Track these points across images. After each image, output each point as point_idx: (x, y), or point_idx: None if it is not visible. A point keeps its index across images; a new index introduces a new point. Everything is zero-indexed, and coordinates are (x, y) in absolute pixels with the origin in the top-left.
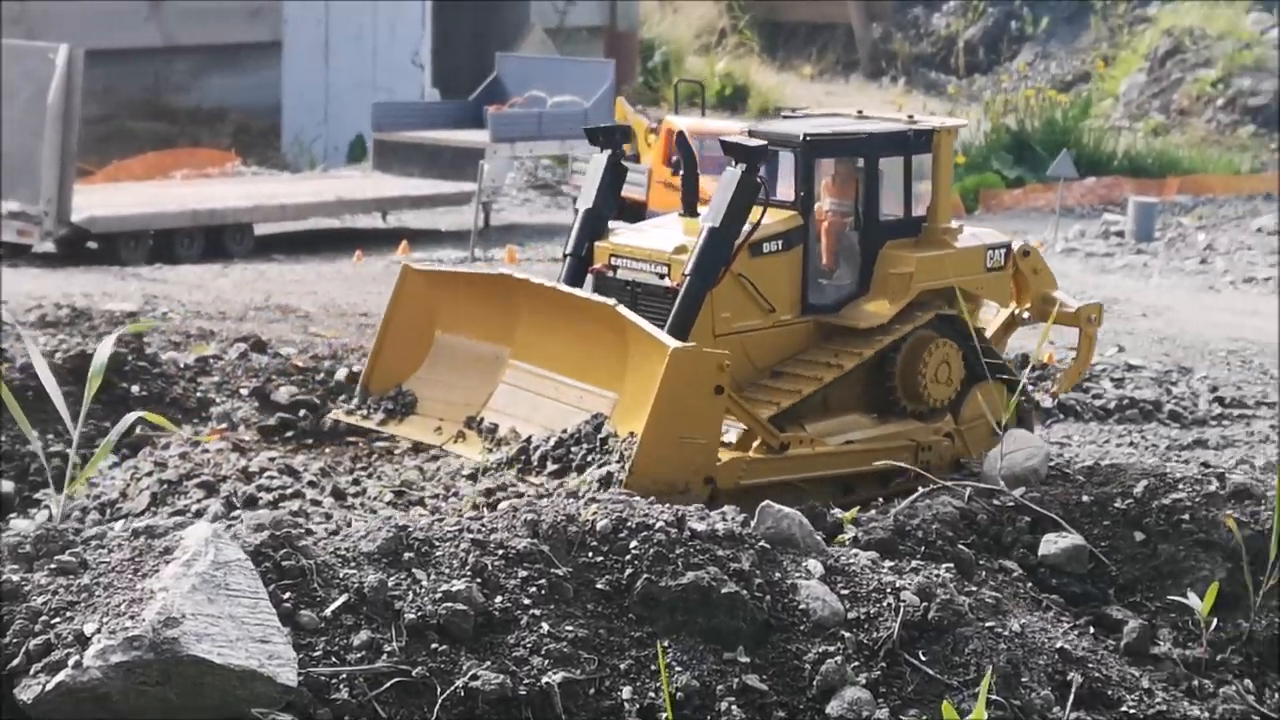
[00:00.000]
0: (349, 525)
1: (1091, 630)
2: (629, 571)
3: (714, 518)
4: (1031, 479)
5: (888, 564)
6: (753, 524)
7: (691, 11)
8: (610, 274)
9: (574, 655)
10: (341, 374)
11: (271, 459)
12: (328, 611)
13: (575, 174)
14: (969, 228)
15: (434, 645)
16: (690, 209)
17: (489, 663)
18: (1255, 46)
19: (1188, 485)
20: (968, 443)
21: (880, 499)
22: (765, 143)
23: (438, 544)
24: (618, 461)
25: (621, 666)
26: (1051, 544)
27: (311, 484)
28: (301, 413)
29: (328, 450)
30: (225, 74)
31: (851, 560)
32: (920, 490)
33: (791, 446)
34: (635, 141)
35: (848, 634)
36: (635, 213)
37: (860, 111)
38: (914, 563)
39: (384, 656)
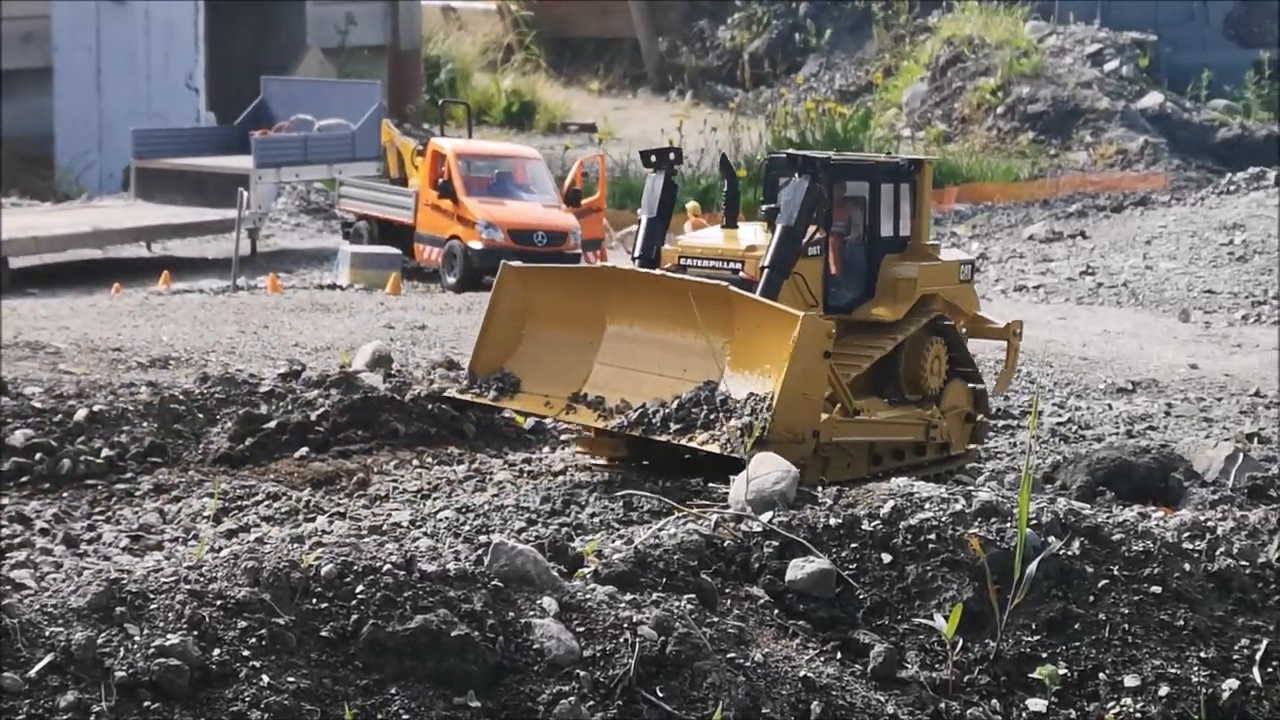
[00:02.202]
0: (79, 575)
1: (839, 656)
2: (355, 617)
3: (446, 557)
4: (780, 502)
5: (627, 597)
6: (486, 562)
7: (477, 28)
8: (681, 272)
9: (295, 708)
10: (81, 415)
11: (1, 506)
12: (32, 673)
13: (344, 198)
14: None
15: (146, 704)
16: (731, 222)
17: None
18: (1033, 54)
19: (934, 504)
20: (947, 429)
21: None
22: (829, 156)
23: (153, 596)
24: (750, 414)
25: (346, 718)
26: (798, 569)
27: (44, 531)
28: (38, 456)
29: (65, 494)
30: None
31: (589, 595)
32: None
33: (864, 412)
34: (404, 164)
35: (583, 673)
36: (401, 235)
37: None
38: (655, 595)
39: (92, 718)
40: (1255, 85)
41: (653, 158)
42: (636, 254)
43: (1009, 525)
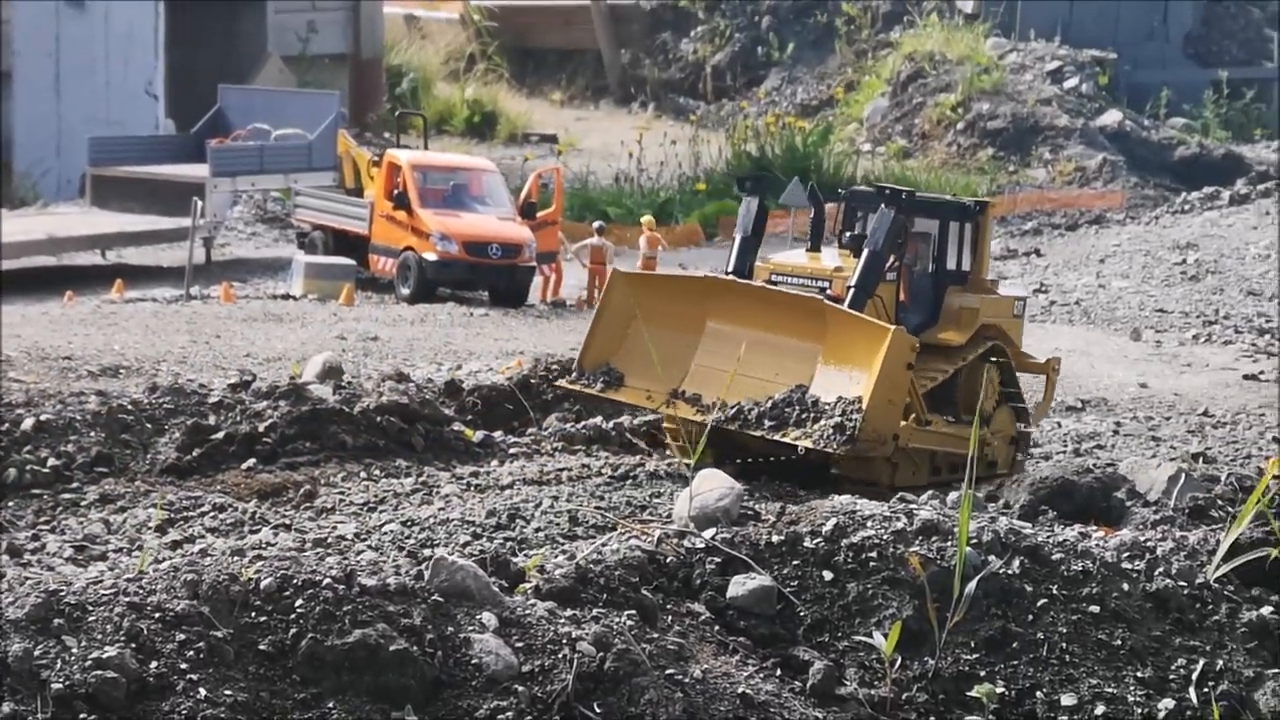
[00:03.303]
0: (22, 584)
1: (778, 673)
2: (294, 631)
3: (386, 571)
4: (723, 519)
5: (567, 613)
6: (426, 577)
7: (440, 38)
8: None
9: None
10: (29, 424)
11: None
12: None
13: (299, 208)
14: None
15: (82, 716)
16: (816, 244)
17: None
18: (994, 71)
19: (876, 522)
20: (996, 448)
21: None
22: (913, 191)
23: (91, 608)
24: (840, 415)
25: None
26: (740, 585)
27: None
28: None
29: (10, 504)
30: None
31: (529, 611)
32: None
33: (933, 424)
34: (360, 174)
35: (521, 688)
36: (356, 245)
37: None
38: (595, 611)
39: None
40: (1214, 104)
41: (747, 183)
42: (730, 269)
43: (950, 544)
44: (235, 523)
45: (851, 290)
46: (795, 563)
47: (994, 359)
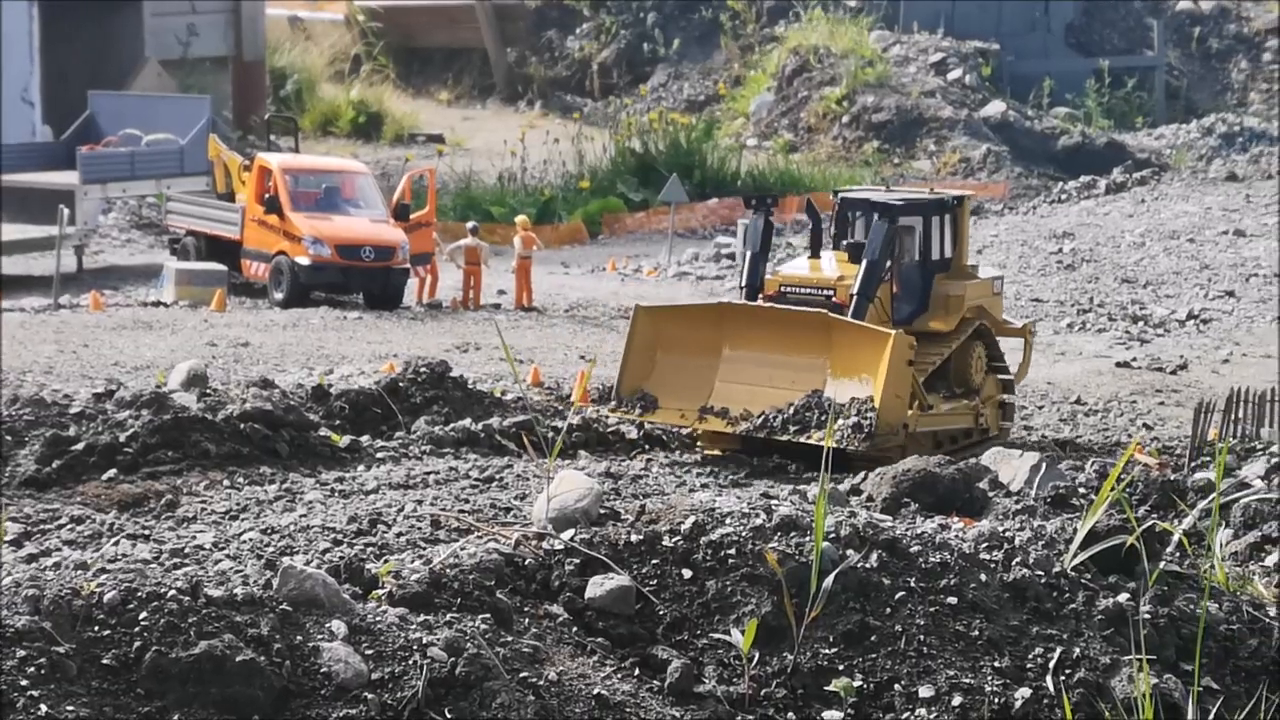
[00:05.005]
0: None
1: (636, 672)
2: (138, 644)
3: (234, 581)
4: (582, 520)
5: (420, 618)
6: (275, 586)
7: (324, 39)
8: (783, 299)
9: None
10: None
11: None
12: None
13: (171, 214)
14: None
15: None
16: (815, 252)
17: None
18: (878, 64)
19: (735, 519)
20: (987, 416)
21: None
22: (900, 198)
23: None
24: (856, 415)
25: None
26: (598, 586)
27: None
28: None
29: None
30: None
31: (380, 618)
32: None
33: (934, 407)
34: (232, 179)
35: (371, 695)
36: (228, 250)
37: (887, 185)
38: (449, 615)
39: None
40: (1096, 93)
41: (753, 201)
42: (743, 283)
43: (808, 539)
44: (94, 534)
45: (854, 297)
46: (654, 562)
47: (979, 336)
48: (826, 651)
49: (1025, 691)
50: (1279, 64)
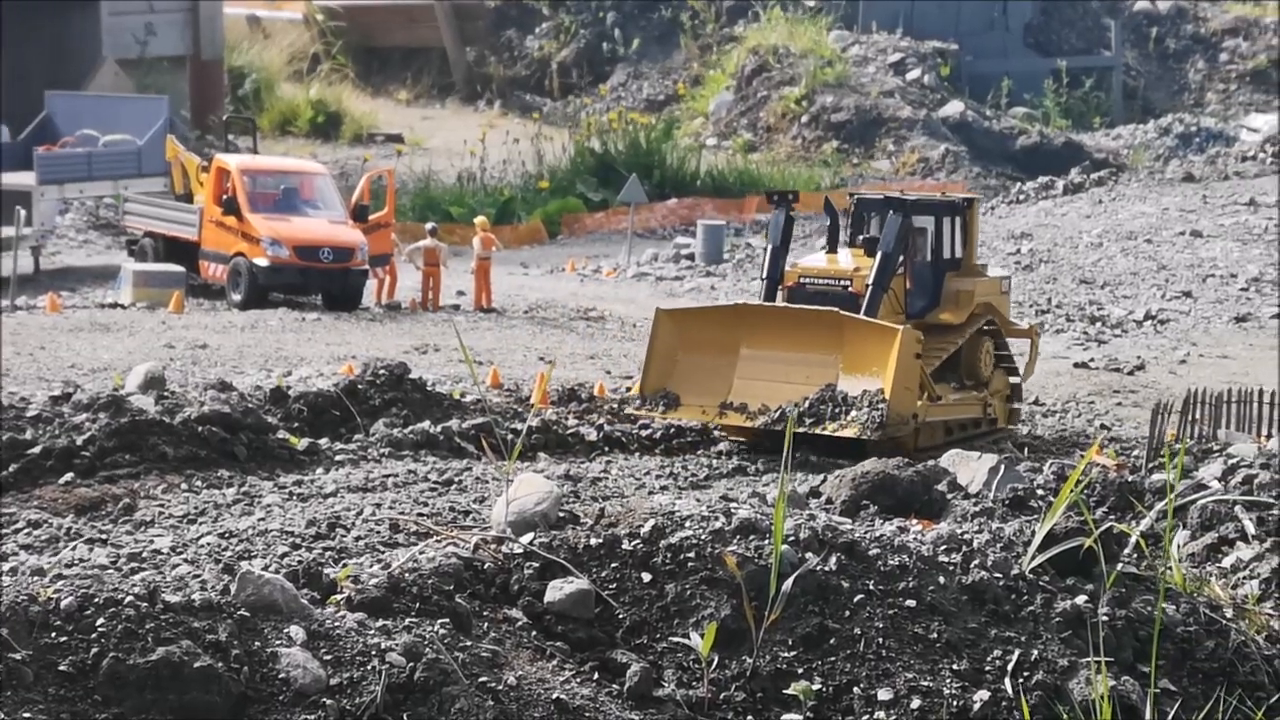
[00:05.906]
0: None
1: (595, 676)
2: (95, 650)
3: (192, 587)
4: (541, 523)
5: (378, 623)
6: (233, 592)
7: (283, 38)
8: (801, 289)
9: None
10: None
11: None
12: None
13: (128, 215)
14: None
15: None
16: (833, 247)
17: None
18: (837, 64)
19: (694, 523)
20: (995, 407)
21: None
22: (913, 196)
23: None
24: (868, 406)
25: None
26: (558, 590)
27: None
28: None
29: None
30: None
31: (339, 623)
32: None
33: (943, 398)
34: (190, 180)
35: (330, 701)
36: (186, 251)
37: (902, 190)
38: (408, 620)
39: None
40: (1054, 93)
41: (774, 198)
42: (764, 275)
43: (768, 542)
44: (50, 539)
45: (870, 288)
46: (614, 565)
47: (988, 332)
48: (785, 655)
49: (984, 694)
50: (1236, 65)
